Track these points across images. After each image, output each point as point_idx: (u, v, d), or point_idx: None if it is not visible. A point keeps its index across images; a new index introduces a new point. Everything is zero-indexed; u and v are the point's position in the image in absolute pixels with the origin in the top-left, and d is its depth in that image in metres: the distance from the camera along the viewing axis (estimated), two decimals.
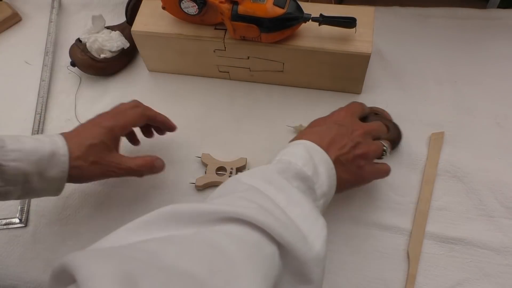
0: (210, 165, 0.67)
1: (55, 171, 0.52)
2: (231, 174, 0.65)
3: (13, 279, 0.63)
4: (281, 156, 0.49)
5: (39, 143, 0.52)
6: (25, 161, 0.50)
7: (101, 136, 0.56)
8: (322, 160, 0.50)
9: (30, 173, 0.51)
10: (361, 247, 0.61)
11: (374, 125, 0.58)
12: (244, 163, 0.66)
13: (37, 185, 0.52)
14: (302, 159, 0.48)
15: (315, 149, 0.50)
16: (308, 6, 0.66)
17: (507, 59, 0.74)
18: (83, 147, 0.54)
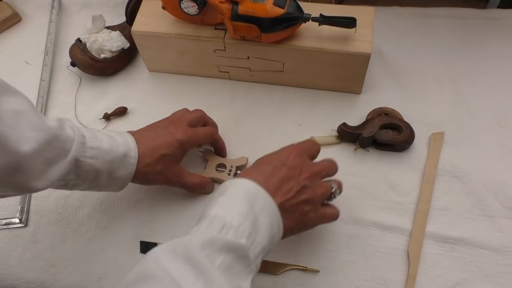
0: (210, 161, 0.67)
1: (123, 172, 0.55)
2: (230, 172, 0.66)
3: (13, 279, 0.63)
4: (217, 211, 0.45)
5: (114, 143, 0.54)
6: (100, 159, 0.53)
7: (174, 148, 0.59)
8: (265, 207, 0.47)
9: (101, 171, 0.53)
10: (361, 247, 0.61)
11: (323, 165, 0.54)
12: (245, 162, 0.66)
13: (104, 182, 0.55)
14: (239, 216, 0.44)
15: (258, 195, 0.47)
16: (308, 6, 0.66)
17: (507, 59, 0.74)
18: (156, 156, 0.57)
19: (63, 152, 0.50)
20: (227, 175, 0.66)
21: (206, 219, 0.45)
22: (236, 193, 0.47)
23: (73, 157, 0.50)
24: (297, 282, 0.59)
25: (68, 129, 0.51)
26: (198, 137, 0.62)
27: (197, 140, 0.62)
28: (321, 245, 0.61)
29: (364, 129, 0.65)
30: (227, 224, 0.44)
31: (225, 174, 0.66)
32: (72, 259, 0.63)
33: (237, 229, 0.43)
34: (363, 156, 0.67)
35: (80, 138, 0.52)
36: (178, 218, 0.65)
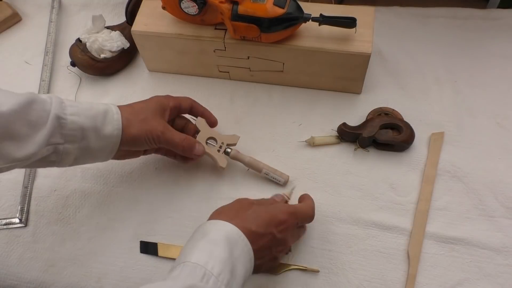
0: (202, 132, 0.64)
1: (109, 128, 0.55)
2: (220, 149, 0.64)
3: (13, 279, 0.63)
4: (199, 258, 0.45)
5: (93, 104, 0.56)
6: (82, 116, 0.53)
7: (152, 103, 0.60)
8: (243, 253, 0.48)
9: (87, 128, 0.53)
10: (361, 247, 0.61)
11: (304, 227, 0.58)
12: (236, 141, 0.64)
13: (93, 143, 0.55)
14: (220, 263, 0.45)
15: (237, 241, 0.48)
16: (308, 6, 0.66)
17: (507, 59, 0.74)
18: (135, 108, 0.59)
19: (44, 113, 0.51)
20: (217, 151, 0.64)
21: (187, 266, 0.45)
22: (218, 237, 0.48)
23: (54, 115, 0.51)
24: (297, 282, 0.59)
25: (43, 96, 0.53)
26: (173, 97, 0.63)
27: (174, 98, 0.63)
28: (321, 245, 0.61)
29: (364, 129, 0.65)
30: (208, 273, 0.44)
31: (214, 149, 0.64)
32: (72, 259, 0.63)
33: (217, 278, 0.45)
34: (363, 156, 0.67)
35: (57, 99, 0.53)
36: (178, 218, 0.65)
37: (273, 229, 0.51)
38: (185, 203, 0.66)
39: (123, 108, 0.58)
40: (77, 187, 0.68)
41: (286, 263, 0.60)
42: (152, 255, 0.62)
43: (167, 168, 0.69)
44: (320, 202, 0.64)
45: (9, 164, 0.50)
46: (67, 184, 0.69)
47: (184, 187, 0.67)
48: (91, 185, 0.68)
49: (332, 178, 0.66)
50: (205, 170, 0.68)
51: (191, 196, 0.66)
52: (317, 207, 0.63)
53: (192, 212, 0.65)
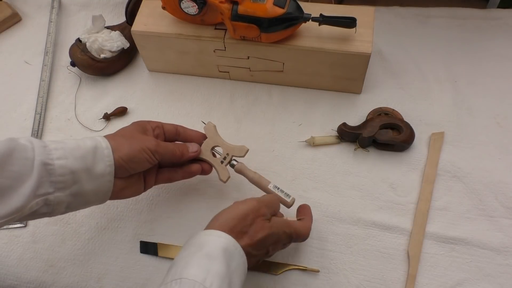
0: (209, 139, 0.61)
1: (102, 166, 0.50)
2: (224, 160, 0.60)
3: (13, 279, 0.63)
4: (196, 274, 0.44)
5: (80, 141, 0.51)
6: (70, 157, 0.49)
7: (132, 126, 0.57)
8: (239, 265, 0.47)
9: (77, 171, 0.49)
10: (361, 247, 0.61)
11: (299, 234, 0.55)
12: (243, 154, 0.60)
13: (86, 185, 0.50)
14: (218, 278, 0.44)
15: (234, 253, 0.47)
16: (308, 6, 0.66)
17: (507, 59, 0.74)
18: (119, 132, 0.56)
19: (28, 161, 0.46)
20: (220, 162, 0.60)
21: (185, 283, 0.43)
22: (215, 250, 0.46)
23: (40, 161, 0.46)
24: (297, 282, 0.59)
25: (22, 140, 0.48)
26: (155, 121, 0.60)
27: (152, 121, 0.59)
28: (321, 245, 0.61)
29: (364, 129, 0.65)
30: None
31: (218, 160, 0.60)
32: (72, 259, 0.63)
33: None
34: (363, 156, 0.67)
35: (39, 143, 0.48)
36: (178, 218, 0.65)
37: (269, 247, 0.52)
38: (185, 203, 0.66)
39: (108, 137, 0.54)
40: None
41: (286, 263, 0.60)
42: (152, 255, 0.62)
43: None
44: (320, 202, 0.64)
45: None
46: None
47: (184, 187, 0.67)
48: None
49: (332, 178, 0.66)
50: None
51: (191, 196, 0.66)
52: (317, 207, 0.64)
53: (192, 212, 0.65)
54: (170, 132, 0.60)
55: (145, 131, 0.57)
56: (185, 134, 0.61)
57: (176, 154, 0.58)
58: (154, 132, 0.58)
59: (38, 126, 0.74)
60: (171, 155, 0.57)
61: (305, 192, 0.65)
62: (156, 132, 0.59)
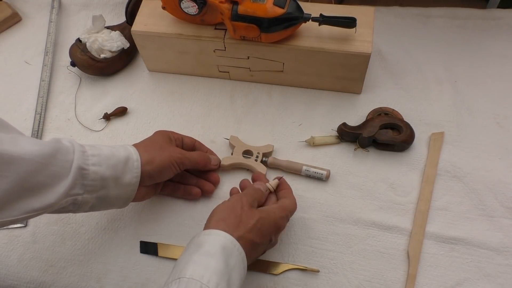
0: (237, 147, 0.67)
1: (129, 176, 0.54)
2: (257, 159, 0.66)
3: (13, 279, 0.63)
4: (193, 272, 0.45)
5: (114, 149, 0.54)
6: (104, 165, 0.52)
7: (159, 135, 0.62)
8: (238, 262, 0.48)
9: (107, 178, 0.52)
10: (361, 247, 0.61)
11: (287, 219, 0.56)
12: (271, 149, 0.67)
13: (112, 191, 0.53)
14: (216, 275, 0.45)
15: (232, 250, 0.48)
16: (308, 6, 0.66)
17: (507, 59, 0.74)
18: (148, 142, 0.60)
19: (67, 164, 0.49)
20: (254, 161, 0.66)
21: (183, 281, 0.44)
22: (213, 248, 0.47)
23: (77, 166, 0.49)
24: (297, 282, 0.59)
25: (66, 142, 0.51)
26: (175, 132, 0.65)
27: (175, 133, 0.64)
28: (321, 245, 0.61)
29: (364, 129, 0.65)
30: (204, 287, 0.44)
31: (252, 160, 0.66)
32: (72, 259, 0.63)
33: None
34: (363, 156, 0.67)
35: (79, 148, 0.51)
36: (178, 218, 0.65)
37: (272, 235, 0.53)
38: (185, 203, 0.66)
39: (139, 146, 0.58)
40: None
41: (286, 263, 0.60)
42: (152, 255, 0.62)
43: None
44: (320, 202, 0.64)
45: (24, 215, 0.48)
46: None
47: None
48: None
49: (332, 178, 0.66)
50: None
51: None
52: (317, 207, 0.64)
53: (192, 212, 0.65)
54: (188, 146, 0.65)
55: (170, 141, 0.62)
56: (201, 149, 0.67)
57: (200, 165, 0.63)
58: (175, 143, 0.63)
59: (38, 126, 0.74)
60: (195, 165, 0.62)
61: (305, 192, 0.65)
62: (177, 143, 0.63)
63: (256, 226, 0.51)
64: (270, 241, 0.53)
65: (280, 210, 0.55)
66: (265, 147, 0.67)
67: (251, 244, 0.50)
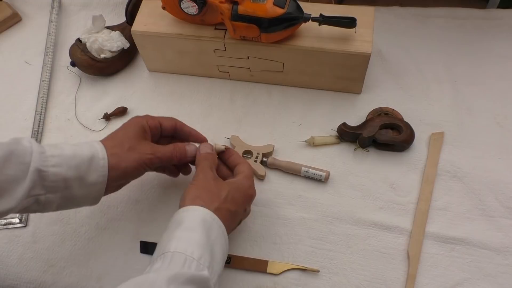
0: (237, 148, 0.68)
1: (95, 176, 0.52)
2: (256, 159, 0.66)
3: (13, 279, 0.63)
4: (177, 246, 0.46)
5: (77, 148, 0.52)
6: (65, 166, 0.50)
7: (131, 127, 0.57)
8: (219, 235, 0.49)
9: (70, 179, 0.51)
10: (361, 247, 0.61)
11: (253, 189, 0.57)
12: (271, 149, 0.67)
13: (77, 191, 0.52)
14: (199, 247, 0.46)
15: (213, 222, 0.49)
16: (308, 6, 0.66)
17: (507, 59, 0.74)
18: (118, 137, 0.56)
19: (24, 166, 0.48)
20: (254, 162, 0.66)
21: (167, 256, 0.46)
22: (194, 223, 0.48)
23: (34, 168, 0.48)
24: (297, 282, 0.59)
25: (25, 142, 0.49)
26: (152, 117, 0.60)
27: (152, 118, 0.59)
28: (321, 245, 0.61)
29: (364, 129, 0.65)
30: (189, 258, 0.45)
31: (251, 160, 0.66)
32: (72, 259, 0.63)
33: (198, 262, 0.45)
34: (363, 156, 0.67)
35: (38, 149, 0.49)
36: None
37: (246, 205, 0.56)
38: None
39: (108, 143, 0.55)
40: None
41: (286, 263, 0.60)
42: (152, 255, 0.62)
43: None
44: (320, 202, 0.64)
45: None
46: None
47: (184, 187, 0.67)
48: None
49: (332, 178, 0.66)
50: None
51: None
52: (317, 207, 0.64)
53: None
54: (168, 130, 0.61)
55: (144, 134, 0.58)
56: (183, 131, 0.62)
57: (174, 161, 0.58)
58: (151, 134, 0.59)
59: (38, 126, 0.74)
60: (169, 162, 0.59)
61: (305, 192, 0.65)
62: (153, 132, 0.59)
63: (228, 196, 0.52)
64: (245, 210, 0.56)
65: (245, 179, 0.56)
66: (265, 147, 0.67)
67: (228, 214, 0.52)
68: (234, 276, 0.60)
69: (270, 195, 0.65)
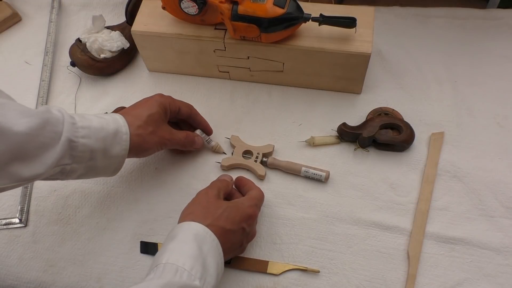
0: (237, 148, 0.68)
1: (117, 149, 0.55)
2: (256, 159, 0.66)
3: (13, 279, 0.63)
4: (168, 258, 0.47)
5: (104, 121, 0.55)
6: (93, 138, 0.53)
7: (156, 107, 0.60)
8: (211, 248, 0.50)
9: (96, 150, 0.53)
10: (361, 247, 0.61)
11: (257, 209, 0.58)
12: (271, 149, 0.67)
13: (100, 162, 0.55)
14: (190, 259, 0.47)
15: (205, 237, 0.50)
16: (308, 6, 0.66)
17: (507, 59, 0.74)
18: (143, 118, 0.58)
19: (56, 135, 0.50)
20: (254, 162, 0.66)
21: (160, 267, 0.47)
22: (186, 236, 0.50)
23: (66, 138, 0.50)
24: (297, 283, 0.59)
25: (55, 111, 0.51)
26: (175, 100, 0.64)
27: (174, 101, 0.63)
28: (321, 245, 0.61)
29: (364, 129, 0.65)
30: (180, 269, 0.46)
31: (251, 160, 0.66)
32: (72, 259, 0.63)
33: (190, 272, 0.46)
34: (363, 156, 0.67)
35: (69, 119, 0.51)
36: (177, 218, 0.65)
37: (244, 224, 0.55)
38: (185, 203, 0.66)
39: (132, 122, 0.57)
40: (77, 187, 0.68)
41: (286, 263, 0.60)
42: (152, 255, 0.62)
43: (167, 168, 0.69)
44: (320, 202, 0.64)
45: (15, 183, 0.49)
46: (67, 184, 0.69)
47: (184, 187, 0.67)
48: (91, 185, 0.68)
49: (332, 178, 0.66)
50: (205, 170, 0.68)
51: (191, 196, 0.66)
52: (317, 207, 0.64)
53: None
54: (183, 115, 0.65)
55: (165, 117, 0.62)
56: (195, 120, 0.67)
57: (183, 147, 0.65)
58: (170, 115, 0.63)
59: None
60: (179, 146, 0.64)
61: (305, 192, 0.65)
62: (172, 115, 0.64)
63: (223, 214, 0.53)
64: (244, 230, 0.55)
65: (247, 199, 0.57)
66: (265, 147, 0.67)
67: (222, 231, 0.52)
68: (234, 277, 0.60)
69: (270, 195, 0.65)
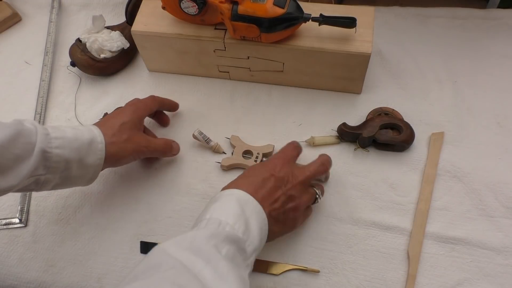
0: (237, 148, 0.67)
1: (93, 158, 0.55)
2: (256, 159, 0.66)
3: (13, 279, 0.63)
4: (212, 214, 0.48)
5: (78, 132, 0.55)
6: (67, 148, 0.53)
7: (129, 116, 0.61)
8: (254, 211, 0.50)
9: (71, 160, 0.53)
10: (361, 247, 0.61)
11: (311, 171, 0.57)
12: (271, 149, 0.67)
13: (75, 172, 0.55)
14: (233, 216, 0.48)
15: (248, 201, 0.51)
16: (308, 6, 0.66)
17: (507, 59, 0.74)
18: (116, 126, 0.59)
19: (30, 146, 0.50)
20: (254, 162, 0.66)
21: (203, 221, 0.48)
22: (228, 199, 0.51)
23: (40, 149, 0.50)
24: (297, 283, 0.59)
25: (28, 124, 0.51)
26: (144, 102, 0.65)
27: (145, 104, 0.65)
28: (321, 245, 0.61)
29: (364, 129, 0.65)
30: (223, 222, 0.47)
31: (251, 160, 0.66)
32: (72, 259, 0.63)
33: (232, 226, 0.47)
34: (363, 156, 0.67)
35: (43, 130, 0.52)
36: (178, 218, 0.65)
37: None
38: (185, 203, 0.66)
39: (106, 131, 0.58)
40: (77, 187, 0.68)
41: (286, 263, 0.60)
42: None
43: (167, 168, 0.69)
44: (320, 202, 0.64)
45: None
46: None
47: (184, 187, 0.67)
48: (91, 185, 0.68)
49: (332, 178, 0.66)
50: (204, 170, 0.68)
51: (191, 196, 0.66)
52: (317, 207, 0.64)
53: (192, 212, 0.65)
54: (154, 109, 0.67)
55: (140, 125, 0.63)
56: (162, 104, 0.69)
57: (159, 154, 0.66)
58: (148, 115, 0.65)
59: None
60: (158, 153, 0.65)
61: None
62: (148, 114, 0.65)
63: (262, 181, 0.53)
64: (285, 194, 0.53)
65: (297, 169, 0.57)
66: (265, 147, 0.67)
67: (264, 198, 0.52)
68: None
69: None
